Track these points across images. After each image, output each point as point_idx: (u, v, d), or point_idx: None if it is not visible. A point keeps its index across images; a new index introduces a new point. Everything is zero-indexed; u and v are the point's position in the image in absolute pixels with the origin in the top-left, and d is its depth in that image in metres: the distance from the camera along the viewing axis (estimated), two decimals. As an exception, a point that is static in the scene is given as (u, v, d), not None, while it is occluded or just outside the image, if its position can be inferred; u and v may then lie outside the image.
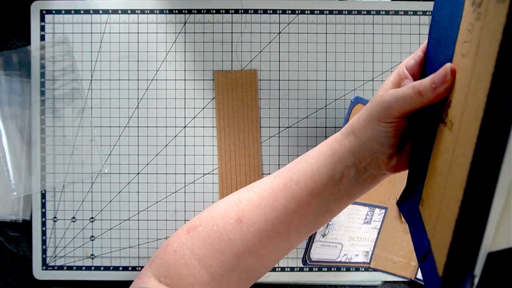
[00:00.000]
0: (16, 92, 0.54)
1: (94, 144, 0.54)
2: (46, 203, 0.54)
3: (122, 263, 0.54)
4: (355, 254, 0.51)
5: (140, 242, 0.54)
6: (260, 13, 0.54)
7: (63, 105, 0.54)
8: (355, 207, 0.49)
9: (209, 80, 0.55)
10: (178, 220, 0.54)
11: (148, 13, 0.54)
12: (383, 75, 0.54)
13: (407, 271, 0.53)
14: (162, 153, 0.54)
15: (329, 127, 0.55)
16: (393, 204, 0.53)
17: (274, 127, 0.55)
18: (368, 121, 0.31)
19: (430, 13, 0.54)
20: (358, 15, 0.54)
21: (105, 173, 0.54)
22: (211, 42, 0.54)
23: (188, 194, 0.54)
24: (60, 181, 0.54)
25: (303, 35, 0.54)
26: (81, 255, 0.54)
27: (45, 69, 0.54)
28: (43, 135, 0.54)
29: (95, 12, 0.54)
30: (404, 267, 0.53)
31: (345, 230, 0.49)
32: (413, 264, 0.53)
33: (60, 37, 0.54)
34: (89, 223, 0.54)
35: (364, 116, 0.32)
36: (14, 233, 0.55)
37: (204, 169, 0.54)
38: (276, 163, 0.54)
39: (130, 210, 0.54)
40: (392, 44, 0.54)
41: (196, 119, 0.54)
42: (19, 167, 0.54)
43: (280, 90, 0.54)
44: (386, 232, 0.53)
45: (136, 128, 0.54)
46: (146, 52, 0.54)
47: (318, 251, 0.48)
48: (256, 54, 0.54)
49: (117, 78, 0.54)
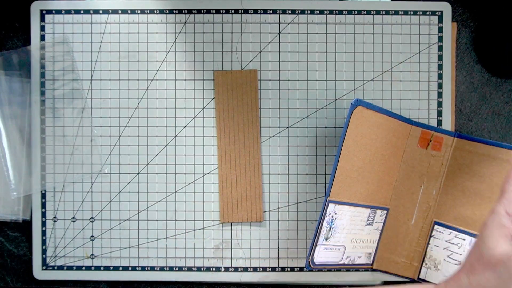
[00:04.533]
0: (16, 92, 0.54)
1: (94, 144, 0.54)
2: (46, 203, 0.54)
3: (122, 263, 0.54)
4: (358, 256, 0.51)
5: (140, 242, 0.54)
6: (260, 13, 0.54)
7: (63, 105, 0.54)
8: (357, 209, 0.49)
9: (209, 80, 0.54)
10: (178, 220, 0.54)
11: (148, 13, 0.54)
12: (383, 75, 0.54)
13: (410, 271, 0.53)
14: (162, 153, 0.54)
15: (329, 127, 0.55)
16: (394, 205, 0.53)
17: (274, 127, 0.54)
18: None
19: (430, 13, 0.54)
20: (358, 15, 0.54)
21: (105, 173, 0.54)
22: (211, 42, 0.54)
23: (188, 194, 0.54)
24: (60, 181, 0.54)
25: (303, 35, 0.54)
26: (81, 255, 0.54)
27: (45, 69, 0.54)
28: (43, 135, 0.54)
29: (95, 12, 0.54)
30: (406, 267, 0.53)
31: (347, 232, 0.49)
32: (415, 264, 0.53)
33: (60, 37, 0.54)
34: (89, 223, 0.54)
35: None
36: (14, 233, 0.55)
37: (204, 169, 0.54)
38: (276, 163, 0.54)
39: (130, 210, 0.54)
40: (392, 44, 0.54)
41: (196, 119, 0.54)
42: (19, 167, 0.54)
43: (280, 90, 0.54)
44: (388, 233, 0.53)
45: (136, 128, 0.54)
46: (146, 52, 0.54)
47: (321, 255, 0.48)
48: (256, 54, 0.54)
49: (117, 78, 0.54)
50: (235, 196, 0.54)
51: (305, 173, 0.54)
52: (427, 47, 0.54)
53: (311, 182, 0.54)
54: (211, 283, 0.55)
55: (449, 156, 0.52)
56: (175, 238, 0.54)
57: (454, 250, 0.52)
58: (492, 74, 0.55)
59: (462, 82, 0.55)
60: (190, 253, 0.54)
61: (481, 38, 0.55)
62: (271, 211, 0.54)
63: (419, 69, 0.54)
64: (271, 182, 0.54)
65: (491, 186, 0.51)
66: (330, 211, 0.47)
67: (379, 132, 0.49)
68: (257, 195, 0.54)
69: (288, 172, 0.54)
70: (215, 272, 0.54)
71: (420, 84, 0.54)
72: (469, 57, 0.56)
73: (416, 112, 0.54)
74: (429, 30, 0.54)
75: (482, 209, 0.51)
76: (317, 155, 0.54)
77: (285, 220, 0.54)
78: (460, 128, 0.55)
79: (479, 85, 0.55)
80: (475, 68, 0.55)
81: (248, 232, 0.54)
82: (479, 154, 0.51)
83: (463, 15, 0.55)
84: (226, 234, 0.54)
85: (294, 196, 0.54)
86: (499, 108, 0.55)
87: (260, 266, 0.54)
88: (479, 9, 0.55)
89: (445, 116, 0.54)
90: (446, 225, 0.52)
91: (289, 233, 0.54)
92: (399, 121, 0.51)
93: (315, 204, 0.54)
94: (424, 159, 0.53)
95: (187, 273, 0.54)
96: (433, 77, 0.54)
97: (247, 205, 0.54)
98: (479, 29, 0.55)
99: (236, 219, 0.54)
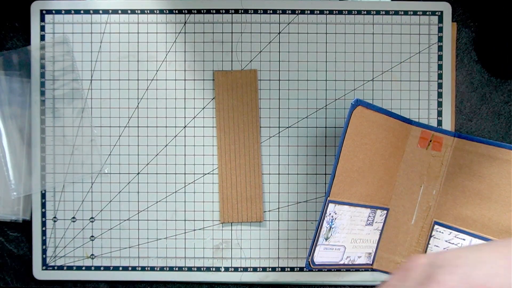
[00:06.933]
0: (16, 92, 0.54)
1: (94, 144, 0.54)
2: (46, 203, 0.54)
3: (122, 263, 0.54)
4: (358, 256, 0.51)
5: (140, 242, 0.54)
6: (260, 13, 0.54)
7: (63, 105, 0.54)
8: (357, 209, 0.49)
9: (209, 80, 0.55)
10: (178, 220, 0.54)
11: (148, 13, 0.54)
12: (383, 75, 0.54)
13: (408, 271, 0.53)
14: (162, 153, 0.54)
15: (329, 127, 0.55)
16: (394, 205, 0.53)
17: (274, 127, 0.54)
18: None
19: (430, 13, 0.54)
20: (358, 15, 0.54)
21: (105, 173, 0.54)
22: (211, 42, 0.54)
23: (188, 194, 0.54)
24: (60, 181, 0.54)
25: (303, 35, 0.54)
26: (81, 255, 0.54)
27: (45, 69, 0.54)
28: (43, 135, 0.54)
29: (95, 12, 0.54)
30: (405, 267, 0.53)
31: (347, 232, 0.49)
32: (413, 264, 0.53)
33: (60, 37, 0.54)
34: (89, 223, 0.54)
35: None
36: (14, 233, 0.55)
37: (204, 169, 0.54)
38: (276, 163, 0.54)
39: (130, 210, 0.54)
40: (392, 44, 0.54)
41: (196, 119, 0.54)
42: (19, 167, 0.54)
43: (280, 90, 0.54)
44: (388, 233, 0.53)
45: (136, 128, 0.54)
46: (146, 52, 0.54)
47: (321, 255, 0.48)
48: (256, 54, 0.54)
49: (117, 78, 0.54)
50: (235, 196, 0.54)
51: (305, 173, 0.54)
52: (427, 47, 0.54)
53: (311, 182, 0.54)
54: (211, 283, 0.55)
55: (449, 156, 0.52)
56: (175, 238, 0.54)
57: (454, 250, 0.51)
58: (492, 74, 0.55)
59: (462, 82, 0.55)
60: (190, 253, 0.54)
61: (481, 38, 0.55)
62: (271, 211, 0.54)
63: (419, 69, 0.54)
64: (271, 182, 0.54)
65: (491, 186, 0.51)
66: (330, 211, 0.47)
67: (379, 132, 0.49)
68: (257, 195, 0.54)
69: (288, 172, 0.54)
70: (215, 272, 0.54)
71: (420, 84, 0.54)
72: (469, 57, 0.56)
73: (416, 112, 0.54)
74: (429, 30, 0.54)
75: (482, 209, 0.51)
76: (317, 155, 0.54)
77: (285, 220, 0.54)
78: (460, 128, 0.55)
79: (479, 85, 0.55)
80: (475, 68, 0.55)
81: (248, 232, 0.54)
82: (479, 154, 0.51)
83: (463, 15, 0.55)
84: (226, 234, 0.54)
85: (294, 196, 0.54)
86: (499, 108, 0.55)
87: (260, 266, 0.54)
88: (479, 9, 0.55)
89: (445, 116, 0.54)
90: (446, 225, 0.52)
91: (289, 233, 0.54)
92: (399, 121, 0.51)
93: (315, 204, 0.54)
94: (424, 159, 0.53)
95: (187, 273, 0.54)
96: (433, 77, 0.55)
97: (247, 205, 0.54)
98: (479, 29, 0.55)
99: (236, 219, 0.54)
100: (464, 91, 0.55)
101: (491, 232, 0.50)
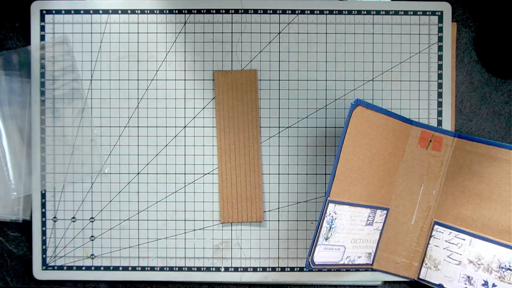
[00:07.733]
0: (16, 92, 0.54)
1: (94, 144, 0.54)
2: (46, 203, 0.54)
3: (122, 263, 0.54)
4: (357, 256, 0.51)
5: (140, 242, 0.54)
6: (260, 13, 0.54)
7: (63, 105, 0.54)
8: (357, 209, 0.49)
9: (209, 80, 0.55)
10: (178, 220, 0.54)
11: (148, 13, 0.54)
12: (383, 75, 0.54)
13: (410, 271, 0.53)
14: (162, 153, 0.54)
15: (329, 127, 0.55)
16: (394, 205, 0.53)
17: (274, 127, 0.54)
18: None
19: (430, 13, 0.54)
20: (358, 15, 0.54)
21: (105, 173, 0.54)
22: (211, 42, 0.54)
23: (188, 194, 0.54)
24: (60, 181, 0.54)
25: (303, 35, 0.54)
26: (81, 255, 0.54)
27: (45, 69, 0.54)
28: (43, 135, 0.54)
29: (95, 12, 0.54)
30: (406, 267, 0.53)
31: (347, 232, 0.49)
32: (415, 264, 0.53)
33: (60, 37, 0.54)
34: (89, 223, 0.54)
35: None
36: (14, 233, 0.55)
37: (204, 169, 0.54)
38: (276, 163, 0.54)
39: (130, 210, 0.54)
40: (392, 44, 0.54)
41: (196, 119, 0.54)
42: (19, 167, 0.54)
43: (280, 90, 0.54)
44: (388, 233, 0.53)
45: (136, 128, 0.54)
46: (146, 52, 0.54)
47: (321, 255, 0.48)
48: (256, 54, 0.54)
49: (117, 78, 0.54)
50: (235, 196, 0.54)
51: (305, 173, 0.54)
52: (427, 47, 0.54)
53: (311, 182, 0.54)
54: (211, 283, 0.55)
55: (449, 156, 0.52)
56: (175, 238, 0.54)
57: (454, 250, 0.52)
58: (492, 74, 0.55)
59: (462, 82, 0.55)
60: (190, 253, 0.54)
61: (481, 38, 0.55)
62: (271, 211, 0.54)
63: (419, 69, 0.54)
64: (271, 182, 0.54)
65: (491, 186, 0.51)
66: (330, 211, 0.47)
67: (379, 132, 0.49)
68: (257, 195, 0.54)
69: (288, 172, 0.54)
70: (215, 272, 0.54)
71: (420, 84, 0.55)
72: (469, 57, 0.56)
73: (416, 112, 0.54)
74: (429, 30, 0.54)
75: (482, 209, 0.51)
76: (317, 155, 0.54)
77: (285, 220, 0.54)
78: (460, 128, 0.55)
79: (479, 85, 0.55)
80: (475, 68, 0.56)
81: (248, 232, 0.54)
82: (479, 154, 0.51)
83: (463, 15, 0.55)
84: (226, 234, 0.54)
85: (294, 196, 0.54)
86: (499, 108, 0.55)
87: (260, 266, 0.54)
88: (479, 9, 0.55)
89: (445, 116, 0.54)
90: (446, 225, 0.52)
91: (289, 233, 0.54)
92: (399, 121, 0.51)
93: (315, 204, 0.54)
94: (424, 159, 0.53)
95: (187, 273, 0.54)
96: (433, 77, 0.55)
97: (247, 205, 0.54)
98: (479, 29, 0.55)
99: (236, 219, 0.54)
100: (464, 91, 0.55)
101: (491, 232, 0.50)
